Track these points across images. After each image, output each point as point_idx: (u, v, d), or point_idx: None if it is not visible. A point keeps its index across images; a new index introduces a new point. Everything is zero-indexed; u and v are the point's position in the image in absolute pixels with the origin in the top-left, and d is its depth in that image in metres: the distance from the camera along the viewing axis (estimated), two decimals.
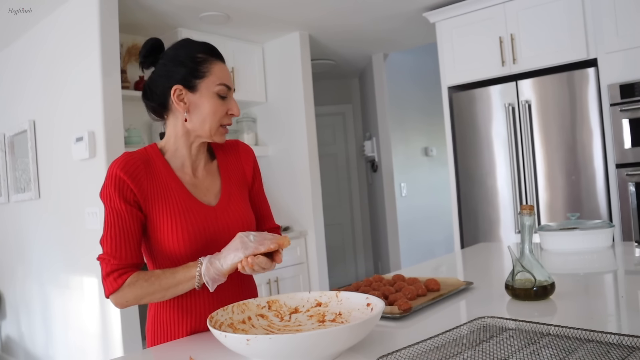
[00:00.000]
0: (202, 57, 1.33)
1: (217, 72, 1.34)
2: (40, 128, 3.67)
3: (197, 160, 1.42)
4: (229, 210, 1.39)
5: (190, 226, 1.31)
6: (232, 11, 3.67)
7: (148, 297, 1.26)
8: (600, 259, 1.91)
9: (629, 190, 3.05)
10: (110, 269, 1.25)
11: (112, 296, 1.26)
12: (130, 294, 1.25)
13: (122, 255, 1.26)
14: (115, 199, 1.27)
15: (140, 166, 1.31)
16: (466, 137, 3.71)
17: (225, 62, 1.38)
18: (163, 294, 1.26)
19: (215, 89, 1.33)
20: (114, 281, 1.25)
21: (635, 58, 3.01)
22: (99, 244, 1.29)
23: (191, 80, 1.32)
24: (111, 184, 1.27)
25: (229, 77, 1.37)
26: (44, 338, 3.77)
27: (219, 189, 1.42)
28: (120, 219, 1.27)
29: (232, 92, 1.37)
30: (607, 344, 0.91)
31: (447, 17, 3.77)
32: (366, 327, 0.97)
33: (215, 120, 1.34)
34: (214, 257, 1.23)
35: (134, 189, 1.28)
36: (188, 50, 1.34)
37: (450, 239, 4.23)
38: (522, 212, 1.33)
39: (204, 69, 1.33)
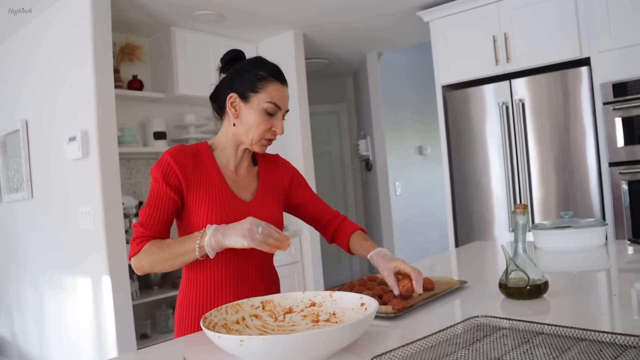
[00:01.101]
0: (263, 75, 1.47)
1: (271, 91, 1.46)
2: (32, 128, 3.66)
3: (240, 161, 1.56)
4: (260, 207, 1.53)
5: (224, 215, 1.44)
6: (225, 10, 3.66)
7: (160, 264, 1.39)
8: (593, 258, 1.91)
9: (622, 188, 3.07)
10: (137, 235, 1.41)
11: (132, 260, 1.42)
12: (145, 259, 1.39)
13: (150, 226, 1.41)
14: (160, 180, 1.43)
15: (189, 156, 1.47)
16: (460, 136, 3.71)
17: (286, 85, 1.51)
18: (172, 262, 1.39)
19: (264, 105, 1.46)
20: (135, 246, 1.40)
21: (627, 57, 3.03)
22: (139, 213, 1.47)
23: (246, 92, 1.47)
24: (160, 167, 1.43)
25: (282, 99, 1.48)
26: (37, 338, 3.75)
27: (255, 189, 1.58)
28: (159, 197, 1.43)
29: (282, 112, 1.49)
30: (600, 343, 0.92)
31: (441, 16, 3.77)
32: (360, 327, 0.97)
33: (258, 132, 1.47)
34: (219, 230, 1.33)
35: (179, 174, 1.43)
36: (254, 67, 1.49)
37: (445, 238, 4.24)
38: (516, 211, 1.34)
39: (260, 85, 1.46)
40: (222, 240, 1.32)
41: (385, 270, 1.40)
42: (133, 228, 1.43)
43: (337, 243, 1.70)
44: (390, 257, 1.44)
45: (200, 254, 1.34)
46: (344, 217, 1.73)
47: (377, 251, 1.49)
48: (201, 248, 1.34)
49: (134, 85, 3.79)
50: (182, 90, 3.82)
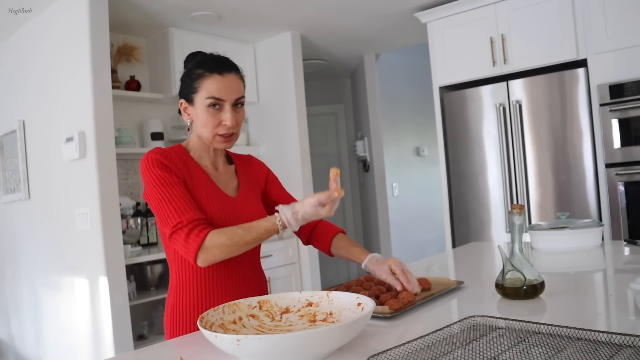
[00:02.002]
0: (198, 73, 1.45)
1: (207, 86, 1.43)
2: (30, 128, 3.65)
3: (216, 159, 1.57)
4: (247, 202, 1.55)
5: (215, 212, 1.44)
6: (223, 11, 3.66)
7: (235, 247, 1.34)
8: (589, 258, 1.92)
9: (618, 189, 3.07)
10: (188, 230, 1.32)
11: (200, 253, 1.32)
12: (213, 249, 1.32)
13: (190, 215, 1.34)
14: (162, 174, 1.38)
15: (174, 155, 1.46)
16: (457, 137, 3.72)
17: (227, 72, 1.45)
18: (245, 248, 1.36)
19: (205, 102, 1.44)
20: (196, 237, 1.32)
21: (624, 58, 3.03)
22: (161, 228, 1.39)
23: (189, 95, 1.47)
24: (155, 166, 1.40)
25: (221, 90, 1.43)
26: (34, 339, 3.74)
27: (236, 185, 1.58)
28: (173, 187, 1.38)
29: (227, 103, 1.45)
30: (595, 342, 0.92)
31: (439, 17, 3.78)
32: (356, 327, 0.97)
33: (208, 130, 1.46)
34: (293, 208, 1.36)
35: (174, 169, 1.42)
36: (191, 67, 1.48)
37: (442, 239, 4.24)
38: (512, 211, 1.34)
39: (197, 84, 1.45)
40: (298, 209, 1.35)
41: (382, 273, 1.44)
42: (174, 235, 1.34)
43: (315, 244, 1.70)
44: (383, 259, 1.49)
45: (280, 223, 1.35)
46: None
47: (369, 258, 1.53)
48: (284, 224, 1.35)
49: (131, 86, 3.79)
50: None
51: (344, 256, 1.62)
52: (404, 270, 1.42)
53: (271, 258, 3.92)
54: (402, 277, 1.40)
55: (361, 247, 1.61)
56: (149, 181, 1.39)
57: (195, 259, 1.32)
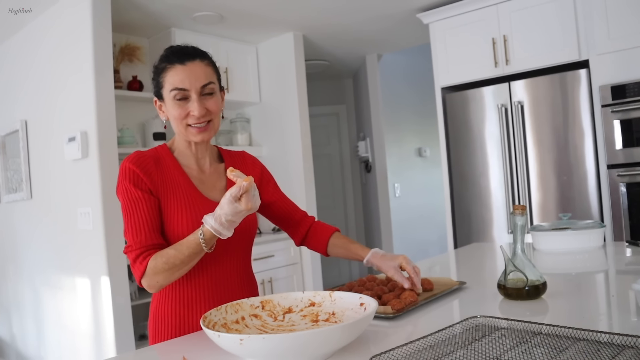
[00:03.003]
0: (162, 67, 1.42)
1: (169, 77, 1.39)
2: (32, 128, 3.66)
3: (201, 158, 1.50)
4: None
5: (195, 218, 1.37)
6: (225, 11, 3.66)
7: (173, 271, 1.29)
8: (591, 259, 1.92)
9: (620, 190, 3.07)
10: (135, 255, 1.31)
11: (143, 281, 1.31)
12: (157, 276, 1.29)
13: (142, 238, 1.32)
14: (131, 189, 1.35)
15: (150, 162, 1.40)
16: (459, 138, 3.72)
17: (190, 60, 1.40)
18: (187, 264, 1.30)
19: (170, 95, 1.39)
20: (140, 265, 1.30)
21: (626, 59, 3.03)
22: (124, 237, 1.37)
23: (158, 91, 1.44)
24: (125, 177, 1.36)
25: (183, 80, 1.38)
26: (35, 339, 3.75)
27: (223, 187, 1.50)
28: (138, 206, 1.34)
29: (193, 92, 1.38)
30: (597, 343, 0.92)
31: (441, 18, 3.78)
32: (359, 327, 0.97)
33: (179, 123, 1.41)
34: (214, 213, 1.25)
35: (146, 180, 1.36)
36: (156, 64, 1.45)
37: (444, 239, 4.24)
38: (515, 212, 1.34)
39: (161, 78, 1.42)
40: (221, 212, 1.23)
41: (390, 270, 1.43)
42: (127, 254, 1.33)
43: (310, 245, 1.66)
44: (391, 255, 1.47)
45: (208, 245, 1.27)
46: (314, 218, 1.70)
47: (372, 253, 1.50)
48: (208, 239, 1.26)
49: (133, 86, 3.80)
50: None
51: (343, 255, 1.58)
52: (415, 268, 1.43)
53: (273, 258, 3.92)
54: (414, 275, 1.41)
55: (360, 244, 1.58)
56: (119, 191, 1.38)
57: (140, 285, 1.32)
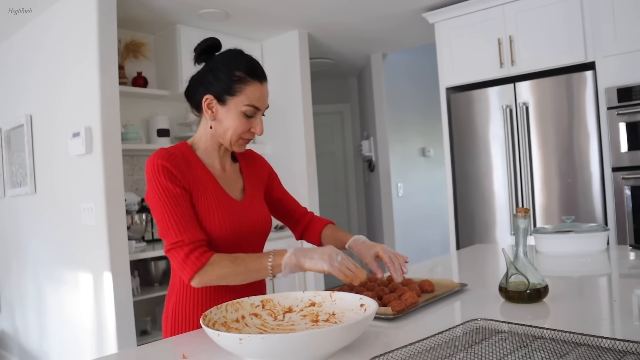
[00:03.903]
0: (239, 76, 1.40)
1: (248, 93, 1.40)
2: (37, 123, 3.67)
3: (224, 158, 1.53)
4: (253, 206, 1.52)
5: (223, 217, 1.40)
6: (231, 8, 3.66)
7: (231, 277, 1.32)
8: (594, 263, 1.91)
9: (625, 193, 3.06)
10: (188, 250, 1.30)
11: (195, 277, 1.30)
12: (214, 273, 1.30)
13: (192, 233, 1.32)
14: (169, 186, 1.34)
15: (180, 158, 1.41)
16: (463, 139, 3.71)
17: (265, 81, 1.45)
18: (247, 276, 1.33)
19: (242, 108, 1.41)
20: (197, 260, 1.30)
21: (632, 62, 3.02)
22: (160, 238, 1.35)
23: (222, 94, 1.41)
24: (160, 174, 1.35)
25: (260, 99, 1.43)
26: (38, 333, 3.76)
27: (242, 187, 1.55)
28: (179, 202, 1.34)
29: (260, 111, 1.45)
30: (598, 348, 0.92)
31: (446, 18, 3.77)
32: (358, 328, 0.97)
33: (236, 134, 1.43)
34: (300, 252, 1.30)
35: (180, 178, 1.37)
36: (229, 66, 1.41)
37: (446, 239, 4.24)
38: (517, 214, 1.34)
39: (237, 88, 1.40)
40: (303, 261, 1.28)
41: (366, 257, 1.46)
42: (171, 252, 1.32)
43: (306, 238, 1.71)
44: (370, 243, 1.49)
45: (274, 272, 1.31)
46: (312, 213, 1.76)
47: (354, 239, 1.54)
48: (275, 267, 1.30)
49: (138, 82, 3.80)
50: None
51: (334, 244, 1.60)
52: (392, 258, 1.43)
53: None
54: (391, 264, 1.41)
55: (346, 232, 1.61)
56: (153, 188, 1.36)
57: (190, 280, 1.31)
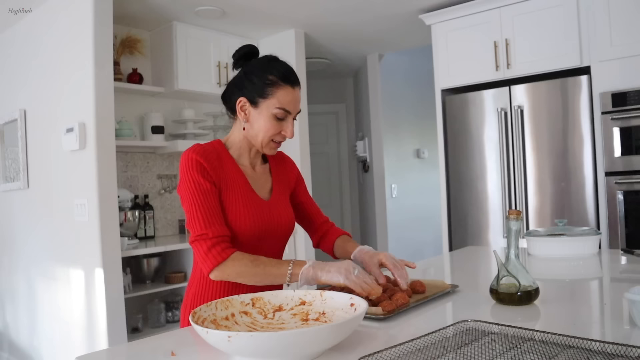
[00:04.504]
0: (272, 80, 1.45)
1: (280, 96, 1.45)
2: (30, 117, 3.65)
3: (255, 159, 1.58)
4: (279, 207, 1.56)
5: (250, 215, 1.45)
6: (227, 6, 3.66)
7: (248, 277, 1.37)
8: (586, 266, 1.92)
9: (617, 198, 3.07)
10: (211, 244, 1.35)
11: (215, 270, 1.35)
12: (233, 268, 1.35)
13: (217, 228, 1.37)
14: (200, 180, 1.40)
15: (213, 154, 1.46)
16: (458, 141, 3.71)
17: (298, 86, 1.49)
18: (263, 278, 1.37)
19: (273, 111, 1.45)
20: (218, 255, 1.35)
21: (628, 67, 3.03)
22: (187, 229, 1.41)
23: (255, 97, 1.46)
24: (193, 168, 1.41)
25: (291, 103, 1.47)
26: (28, 329, 3.74)
27: (270, 187, 1.60)
28: (207, 197, 1.40)
29: (291, 115, 1.48)
30: (587, 351, 0.92)
31: (443, 20, 3.77)
32: (348, 327, 0.97)
33: (267, 136, 1.48)
34: (318, 266, 1.35)
35: (212, 173, 1.42)
36: (263, 70, 1.47)
37: (439, 240, 4.24)
38: (509, 217, 1.34)
39: (269, 90, 1.45)
40: (320, 274, 1.33)
41: (369, 265, 1.48)
42: (196, 243, 1.36)
43: (322, 247, 1.75)
44: (373, 252, 1.53)
45: (290, 280, 1.35)
46: (332, 224, 1.79)
47: (359, 249, 1.57)
48: (293, 275, 1.34)
49: (133, 79, 3.79)
50: (181, 85, 3.82)
51: (341, 254, 1.65)
52: (396, 264, 1.45)
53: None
54: (395, 270, 1.43)
55: (355, 243, 1.64)
56: (186, 181, 1.41)
57: (210, 272, 1.36)
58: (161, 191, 4.05)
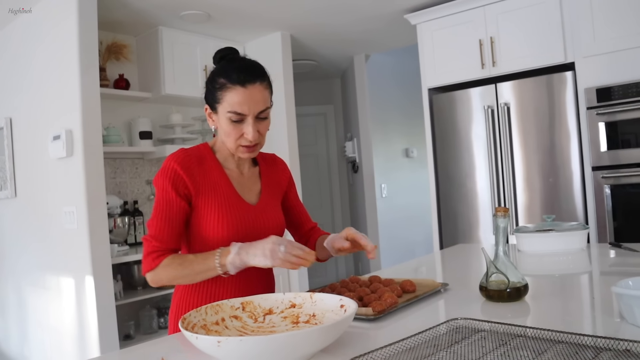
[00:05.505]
0: (222, 83, 1.40)
1: (229, 99, 1.39)
2: (17, 126, 3.62)
3: (242, 162, 1.56)
4: (266, 211, 1.54)
5: (233, 220, 1.44)
6: (213, 10, 3.65)
7: (180, 279, 1.39)
8: (575, 261, 1.93)
9: (605, 192, 3.10)
10: (151, 250, 1.38)
11: (148, 274, 1.39)
12: (164, 274, 1.37)
13: (163, 238, 1.39)
14: (168, 189, 1.40)
15: (194, 161, 1.45)
16: (446, 139, 3.73)
17: (251, 84, 1.39)
18: (194, 277, 1.38)
19: (227, 115, 1.41)
20: (152, 261, 1.37)
21: (611, 62, 3.06)
22: (146, 225, 1.43)
23: (213, 103, 1.45)
24: (167, 176, 1.41)
25: (243, 104, 1.39)
26: (19, 338, 3.71)
27: (259, 191, 1.57)
28: (170, 207, 1.40)
29: (249, 116, 1.40)
30: (576, 345, 0.92)
31: (428, 19, 3.79)
32: (338, 329, 0.97)
33: (231, 141, 1.44)
34: (243, 249, 1.32)
35: (188, 181, 1.41)
36: (215, 74, 1.43)
37: (430, 240, 4.25)
38: (497, 214, 1.34)
39: (219, 95, 1.41)
40: (247, 259, 1.31)
41: (335, 240, 1.49)
42: (144, 241, 1.40)
43: None
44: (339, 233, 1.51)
45: (222, 271, 1.34)
46: (319, 229, 1.77)
47: (331, 236, 1.55)
48: (223, 266, 1.33)
49: (120, 85, 3.77)
50: (168, 90, 3.81)
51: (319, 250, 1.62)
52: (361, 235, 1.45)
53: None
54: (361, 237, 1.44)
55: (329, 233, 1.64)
56: (157, 186, 1.43)
57: (145, 274, 1.40)
58: (150, 197, 4.03)
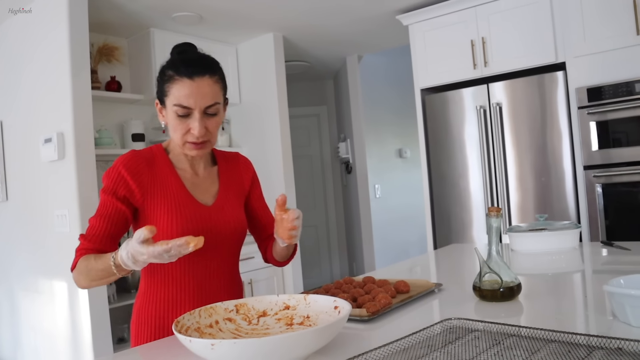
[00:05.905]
0: (169, 75, 1.35)
1: (175, 91, 1.33)
2: (7, 129, 3.60)
3: (195, 162, 1.49)
4: (223, 211, 1.46)
5: (185, 222, 1.38)
6: (204, 11, 3.64)
7: (89, 281, 1.31)
8: (567, 260, 1.94)
9: (596, 191, 3.11)
10: (78, 247, 1.35)
11: (72, 273, 1.35)
12: (77, 273, 1.33)
13: (92, 238, 1.35)
14: (108, 191, 1.37)
15: (142, 163, 1.39)
16: (439, 139, 3.74)
17: (200, 76, 1.32)
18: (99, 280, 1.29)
19: (173, 109, 1.35)
20: (75, 259, 1.34)
21: (601, 62, 3.07)
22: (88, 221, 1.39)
23: (161, 97, 1.39)
24: (109, 177, 1.38)
25: (188, 97, 1.32)
26: (11, 343, 3.69)
27: (216, 191, 1.50)
28: (105, 208, 1.37)
29: (196, 110, 1.33)
30: (569, 344, 0.93)
31: (420, 20, 3.80)
32: (331, 331, 0.97)
33: (178, 137, 1.38)
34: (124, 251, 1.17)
35: (132, 184, 1.36)
36: (164, 66, 1.38)
37: (424, 240, 4.26)
38: (490, 214, 1.35)
39: (166, 88, 1.36)
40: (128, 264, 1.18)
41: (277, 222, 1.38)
42: (79, 238, 1.37)
43: (268, 258, 1.62)
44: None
45: (118, 270, 1.22)
46: None
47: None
48: (117, 267, 1.21)
49: (112, 87, 3.76)
50: None
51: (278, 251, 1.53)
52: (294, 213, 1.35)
53: (253, 260, 3.90)
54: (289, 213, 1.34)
55: None
56: (104, 180, 1.40)
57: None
58: None
